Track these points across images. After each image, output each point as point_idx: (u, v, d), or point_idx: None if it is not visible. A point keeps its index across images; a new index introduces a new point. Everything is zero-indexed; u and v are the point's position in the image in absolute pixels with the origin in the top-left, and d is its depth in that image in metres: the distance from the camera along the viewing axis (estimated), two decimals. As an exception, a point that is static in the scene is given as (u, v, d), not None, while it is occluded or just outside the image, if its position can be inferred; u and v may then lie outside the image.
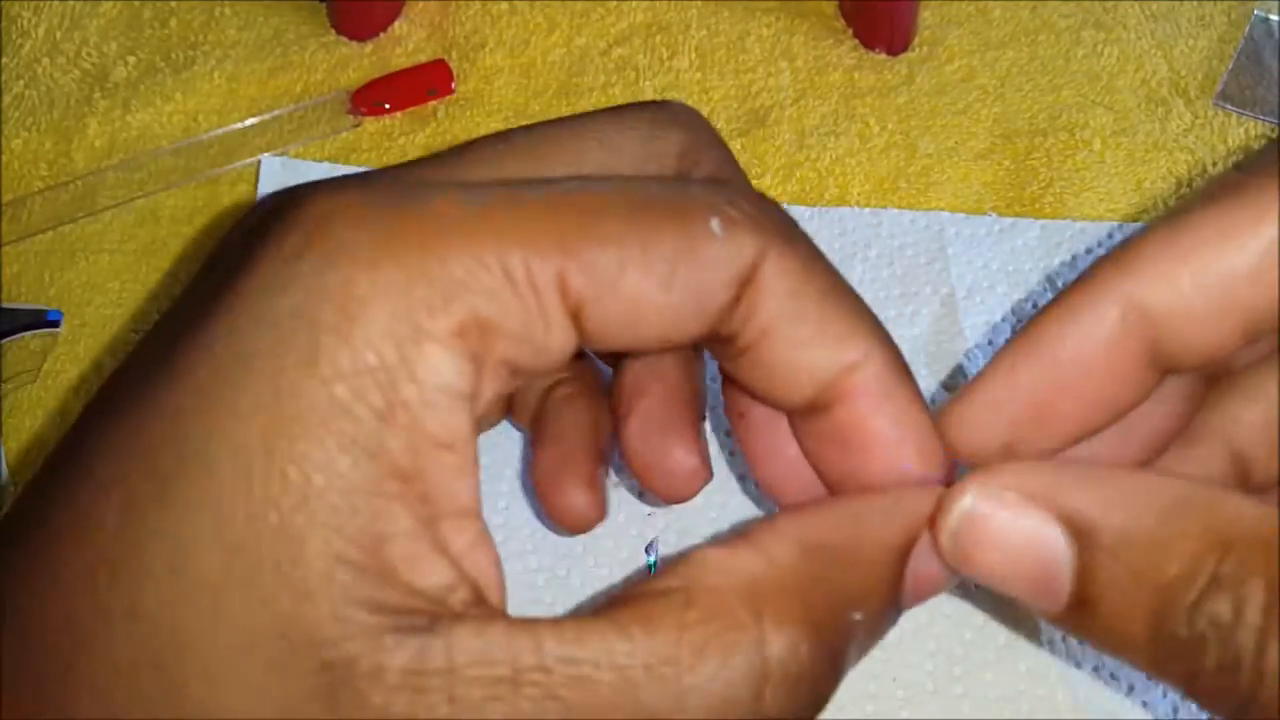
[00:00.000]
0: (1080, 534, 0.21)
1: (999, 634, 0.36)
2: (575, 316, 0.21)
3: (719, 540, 0.22)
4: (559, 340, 0.21)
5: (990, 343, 0.42)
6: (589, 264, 0.21)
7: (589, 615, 0.20)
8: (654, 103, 0.29)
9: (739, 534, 0.22)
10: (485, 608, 0.20)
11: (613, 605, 0.20)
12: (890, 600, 0.23)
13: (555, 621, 0.20)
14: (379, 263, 0.20)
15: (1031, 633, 0.36)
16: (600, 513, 0.30)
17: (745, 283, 0.22)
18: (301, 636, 0.18)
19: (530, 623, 0.20)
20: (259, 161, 0.47)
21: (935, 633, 0.36)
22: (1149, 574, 0.20)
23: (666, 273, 0.22)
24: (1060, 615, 0.22)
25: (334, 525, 0.18)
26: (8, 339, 0.42)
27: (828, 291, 0.24)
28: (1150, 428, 0.25)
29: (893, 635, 0.36)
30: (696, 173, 0.28)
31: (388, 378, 0.19)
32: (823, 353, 0.23)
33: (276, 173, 0.47)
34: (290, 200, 0.21)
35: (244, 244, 0.21)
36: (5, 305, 0.44)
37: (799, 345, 0.23)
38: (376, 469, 0.19)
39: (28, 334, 0.43)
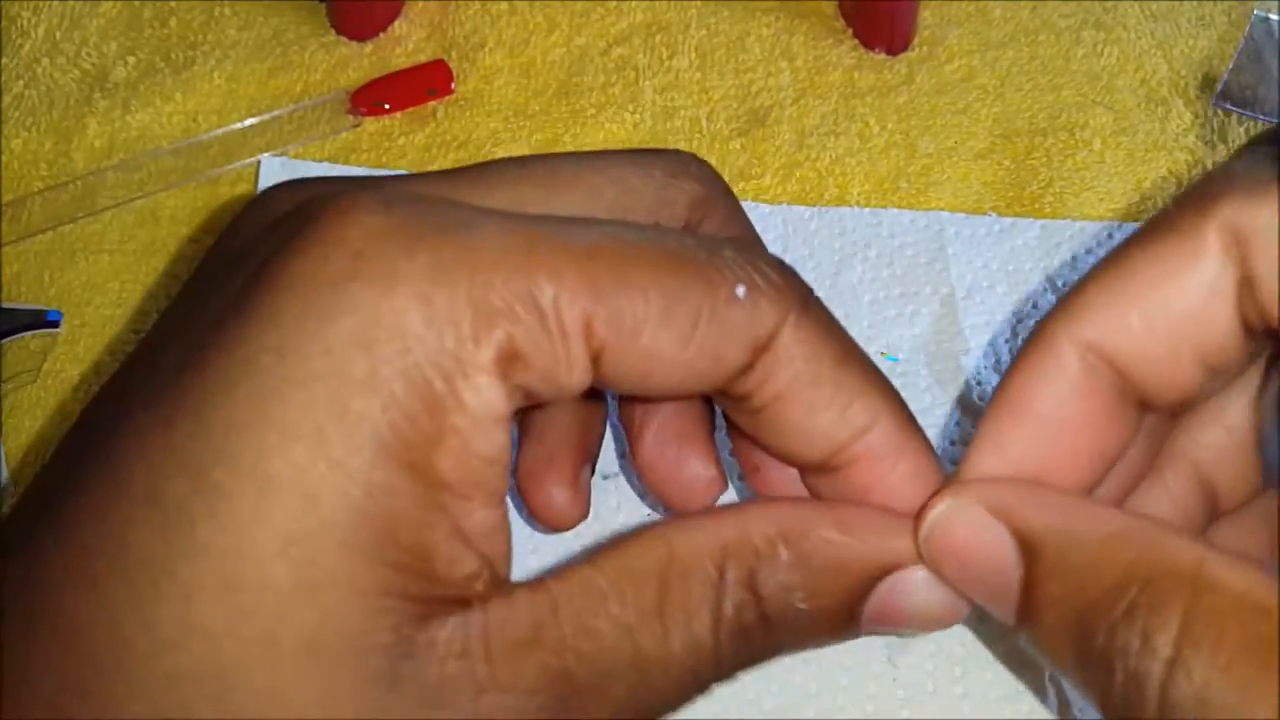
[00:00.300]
0: (1028, 550, 0.22)
1: (999, 633, 0.36)
2: (595, 359, 0.22)
3: (706, 509, 0.24)
4: (577, 379, 0.22)
5: (990, 344, 0.42)
6: (615, 311, 0.22)
7: (586, 567, 0.22)
8: (671, 151, 0.30)
9: (726, 505, 0.25)
10: (502, 581, 0.22)
11: (605, 556, 0.23)
12: (840, 611, 0.24)
13: (561, 578, 0.22)
14: (432, 296, 0.21)
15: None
16: (581, 511, 0.30)
17: (761, 349, 0.23)
18: (358, 629, 0.20)
19: (542, 583, 0.22)
20: (259, 162, 0.47)
21: (935, 632, 0.36)
22: (1077, 595, 0.21)
23: (687, 331, 0.22)
24: (1014, 625, 0.23)
25: (388, 539, 0.20)
26: (8, 339, 0.42)
27: (841, 358, 0.24)
28: (1123, 460, 0.26)
29: (893, 635, 0.37)
30: (707, 224, 0.29)
31: (439, 405, 0.21)
32: (835, 417, 0.24)
33: (276, 173, 0.47)
34: (322, 208, 0.22)
35: (274, 246, 0.22)
36: (5, 305, 0.44)
37: (813, 410, 0.24)
38: (428, 488, 0.21)
39: (28, 334, 0.43)
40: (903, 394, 0.25)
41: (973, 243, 0.45)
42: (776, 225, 0.45)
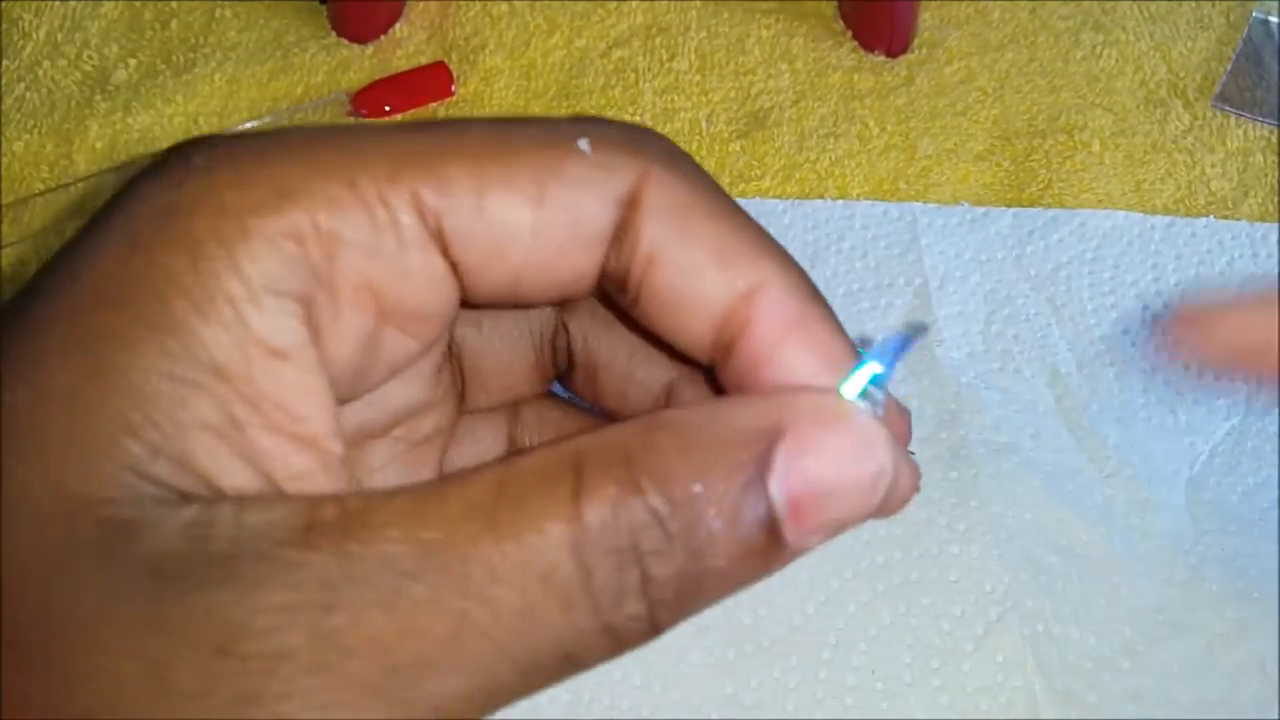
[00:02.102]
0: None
1: (976, 625, 0.36)
2: (441, 242, 0.20)
3: None
4: (421, 262, 0.20)
5: (964, 334, 0.42)
6: (444, 179, 0.20)
7: (413, 488, 0.18)
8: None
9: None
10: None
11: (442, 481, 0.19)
12: (748, 481, 0.18)
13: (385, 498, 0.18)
14: (214, 169, 0.19)
15: (1008, 624, 0.36)
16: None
17: (627, 205, 0.21)
18: (80, 494, 0.18)
19: (350, 497, 0.18)
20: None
21: (913, 625, 0.36)
22: None
23: (533, 191, 0.20)
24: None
25: (130, 400, 0.18)
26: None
27: (719, 213, 0.21)
28: None
29: (871, 628, 0.37)
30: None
31: (209, 270, 0.18)
32: (717, 277, 0.21)
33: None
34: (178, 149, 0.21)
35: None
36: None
37: (691, 272, 0.21)
38: (186, 358, 0.18)
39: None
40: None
41: (945, 233, 0.45)
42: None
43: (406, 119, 0.49)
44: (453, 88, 0.49)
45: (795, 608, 0.37)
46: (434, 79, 0.49)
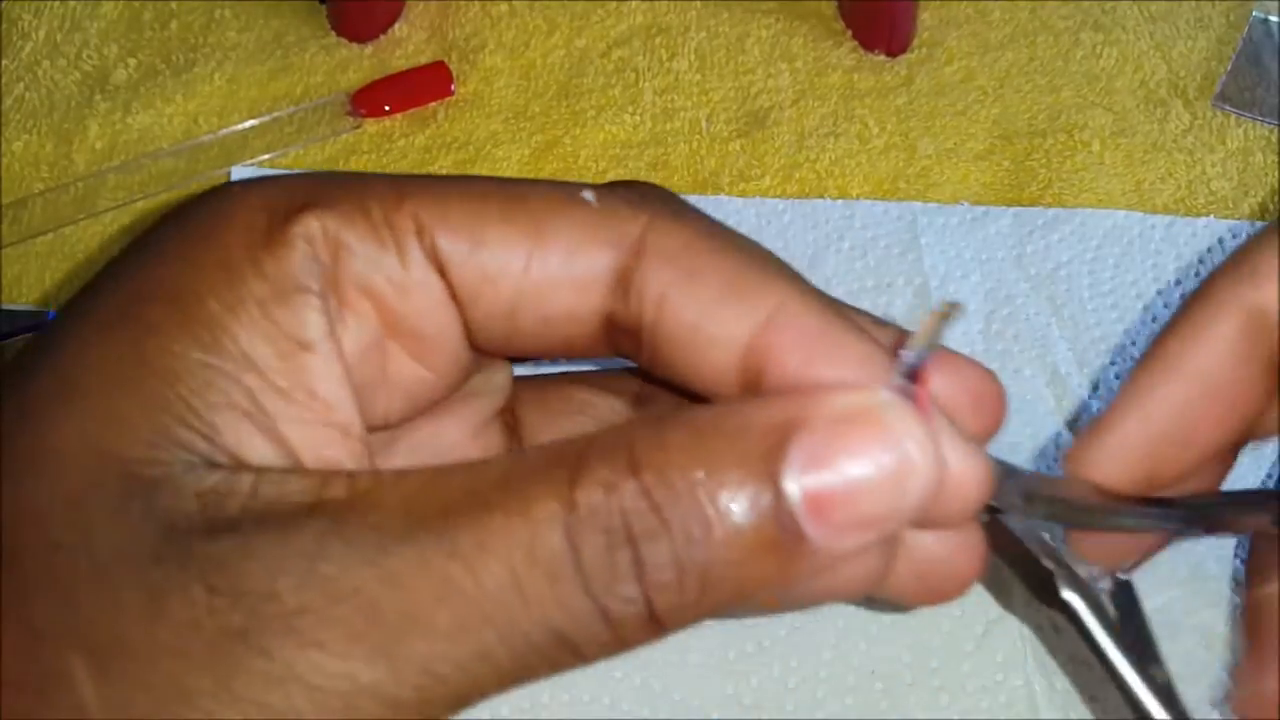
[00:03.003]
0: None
1: (976, 625, 0.36)
2: (438, 265, 0.21)
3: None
4: (420, 280, 0.21)
5: (964, 334, 0.42)
6: (446, 210, 0.21)
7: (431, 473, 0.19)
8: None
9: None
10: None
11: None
12: (754, 471, 0.18)
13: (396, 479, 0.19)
14: (245, 195, 0.21)
15: (1007, 624, 0.36)
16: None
17: (631, 253, 0.21)
18: (111, 450, 0.19)
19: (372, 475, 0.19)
20: (229, 173, 0.47)
21: (912, 625, 0.36)
22: None
23: (530, 229, 0.21)
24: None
25: (165, 380, 0.19)
26: (8, 340, 0.43)
27: (724, 249, 0.21)
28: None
29: (871, 628, 0.37)
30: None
31: (239, 275, 0.20)
32: (733, 311, 0.21)
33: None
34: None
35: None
36: (5, 306, 0.44)
37: (705, 309, 0.21)
38: (218, 349, 0.20)
39: (28, 335, 0.43)
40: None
41: (945, 232, 0.45)
42: (750, 218, 0.45)
43: (407, 117, 0.49)
44: (452, 87, 0.49)
45: (795, 608, 0.37)
46: (434, 79, 0.49)
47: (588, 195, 0.21)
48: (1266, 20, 0.49)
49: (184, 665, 0.17)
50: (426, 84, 0.49)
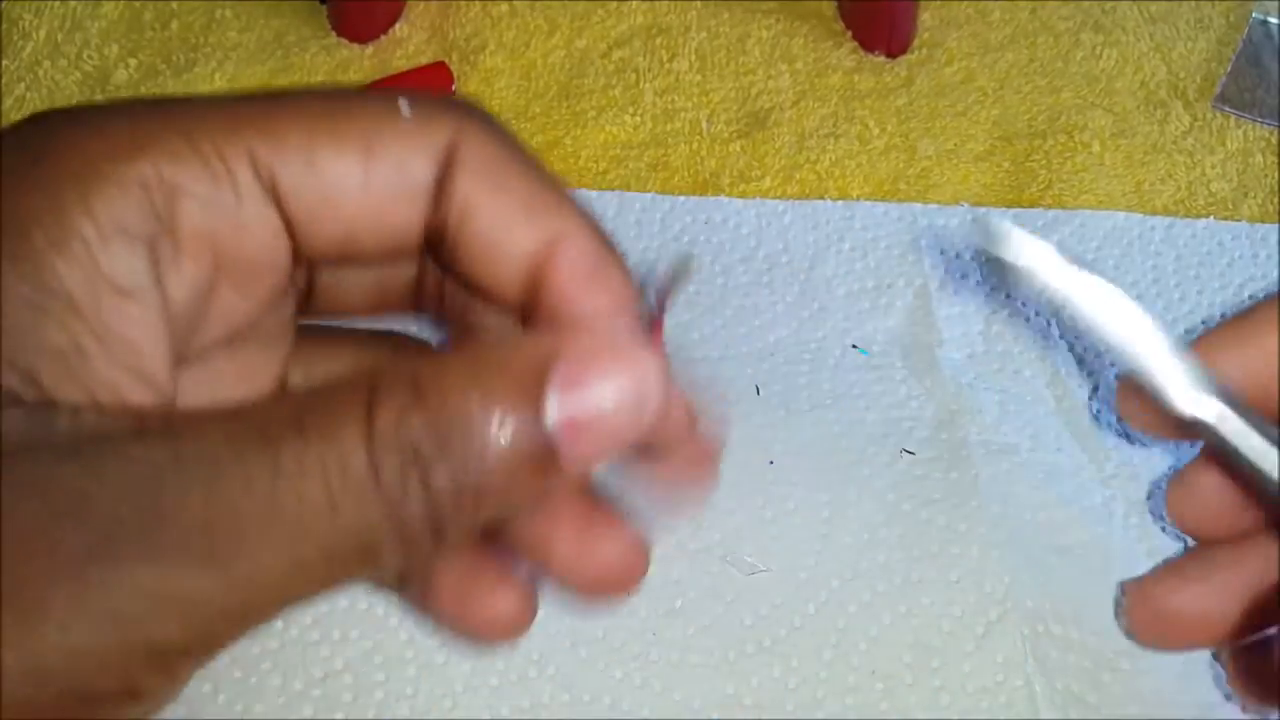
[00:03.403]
0: None
1: (976, 625, 0.36)
2: (275, 196, 0.22)
3: None
4: (256, 215, 0.22)
5: (964, 335, 0.42)
6: (278, 136, 0.22)
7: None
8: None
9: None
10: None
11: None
12: (521, 399, 0.20)
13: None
14: (74, 127, 0.21)
15: (1007, 624, 0.36)
16: (532, 611, 0.26)
17: (445, 160, 0.23)
18: None
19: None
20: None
21: (913, 625, 0.36)
22: None
23: (361, 146, 0.22)
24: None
25: None
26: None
27: (528, 170, 0.23)
28: None
29: (871, 628, 0.37)
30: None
31: (65, 210, 0.20)
32: (525, 227, 0.23)
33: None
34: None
35: None
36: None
37: (501, 222, 0.23)
38: (41, 287, 0.20)
39: None
40: (877, 387, 0.25)
41: (945, 234, 0.45)
42: (750, 219, 0.45)
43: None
44: (453, 87, 0.49)
45: (795, 608, 0.37)
46: (434, 79, 0.49)
47: (404, 107, 0.23)
48: (1266, 21, 0.50)
49: (40, 582, 0.18)
50: (427, 84, 0.49)
